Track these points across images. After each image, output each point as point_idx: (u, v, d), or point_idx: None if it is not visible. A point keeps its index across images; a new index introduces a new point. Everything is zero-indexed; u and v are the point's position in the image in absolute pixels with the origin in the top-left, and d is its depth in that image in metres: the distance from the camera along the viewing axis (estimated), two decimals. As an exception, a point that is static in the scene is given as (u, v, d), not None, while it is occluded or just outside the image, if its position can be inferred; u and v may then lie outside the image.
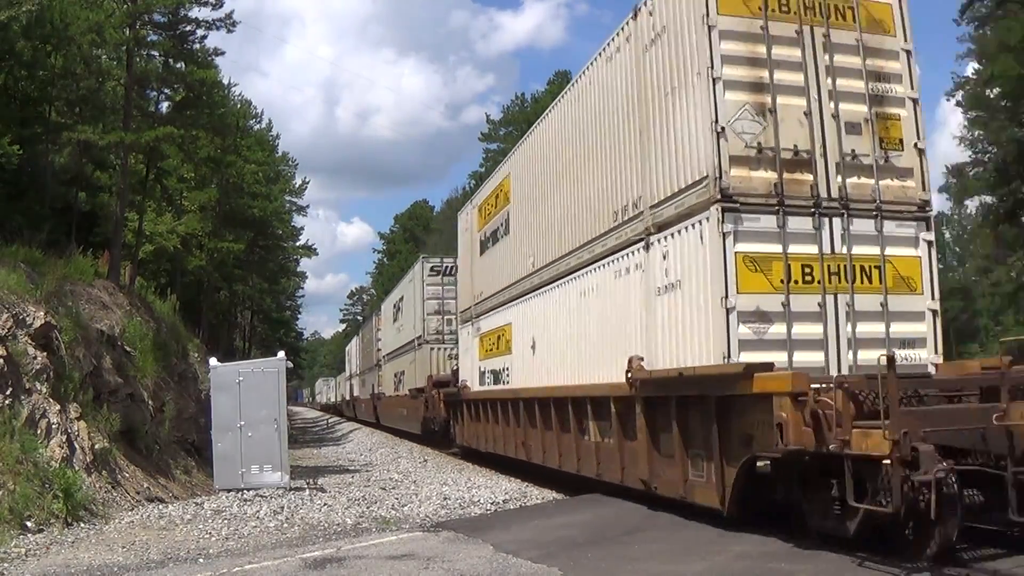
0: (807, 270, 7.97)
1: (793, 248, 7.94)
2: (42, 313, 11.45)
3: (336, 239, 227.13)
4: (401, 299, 28.94)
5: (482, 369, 16.55)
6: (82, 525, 9.31)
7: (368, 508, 10.94)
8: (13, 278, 11.92)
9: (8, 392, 10.11)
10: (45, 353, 11.09)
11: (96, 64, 21.66)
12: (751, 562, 6.61)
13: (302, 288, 61.21)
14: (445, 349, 23.32)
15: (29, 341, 10.97)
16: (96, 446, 11.03)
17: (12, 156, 18.06)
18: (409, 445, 25.80)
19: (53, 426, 10.41)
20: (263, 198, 39.63)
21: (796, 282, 7.88)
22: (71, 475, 9.73)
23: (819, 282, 7.94)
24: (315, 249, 50.98)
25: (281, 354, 14.19)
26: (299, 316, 67.53)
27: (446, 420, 20.38)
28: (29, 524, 8.81)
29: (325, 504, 11.24)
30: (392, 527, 9.47)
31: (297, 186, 48.81)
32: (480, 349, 16.79)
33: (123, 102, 21.92)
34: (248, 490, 12.42)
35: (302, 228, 49.96)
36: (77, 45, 19.88)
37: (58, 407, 10.70)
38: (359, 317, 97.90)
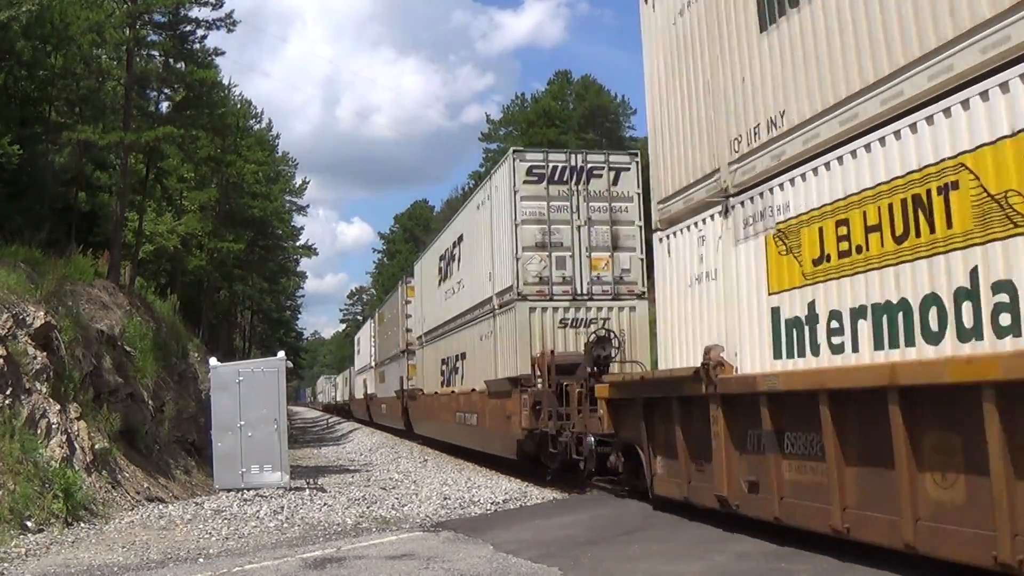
0: None
1: None
2: (42, 313, 11.45)
3: (336, 239, 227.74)
4: (457, 242, 18.83)
5: (806, 311, 6.95)
6: (82, 525, 9.31)
7: (368, 508, 10.94)
8: (13, 278, 11.92)
9: (8, 392, 10.11)
10: (45, 353, 11.09)
11: (96, 64, 21.70)
12: (751, 562, 6.62)
13: (302, 288, 61.33)
14: (558, 310, 14.14)
15: (29, 341, 10.97)
16: (96, 446, 11.03)
17: (12, 156, 18.06)
18: (410, 445, 25.72)
19: (53, 426, 10.41)
20: (263, 198, 39.69)
21: None
22: (71, 475, 9.73)
23: None
24: (315, 249, 51.14)
25: (281, 354, 14.19)
26: (299, 316, 67.66)
27: (578, 439, 11.74)
28: (29, 524, 8.81)
29: (325, 504, 11.24)
30: (392, 527, 9.47)
31: (297, 186, 48.92)
32: (791, 261, 7.20)
33: (123, 102, 21.96)
34: (248, 490, 12.42)
35: (302, 228, 50.07)
36: (77, 45, 19.91)
37: (58, 407, 10.70)
38: (359, 317, 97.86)
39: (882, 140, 6.18)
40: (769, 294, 7.47)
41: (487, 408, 15.62)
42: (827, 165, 6.78)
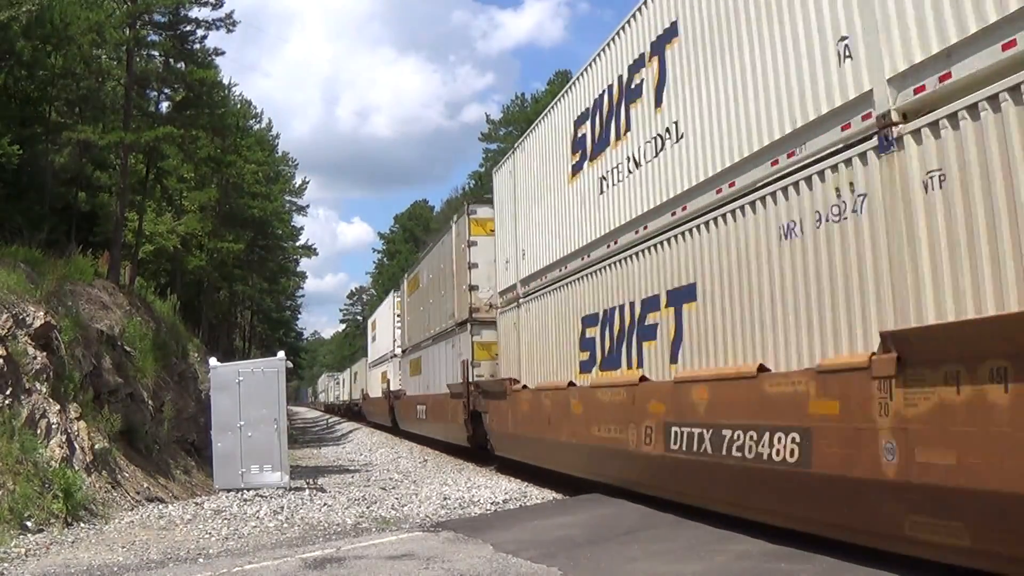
0: None
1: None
2: (42, 313, 11.45)
3: (336, 239, 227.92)
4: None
5: None
6: (82, 525, 9.31)
7: (368, 508, 10.94)
8: (13, 278, 11.92)
9: (8, 392, 10.11)
10: (45, 353, 11.09)
11: (96, 64, 21.71)
12: (751, 562, 6.61)
13: (302, 288, 61.43)
14: None
15: (29, 341, 10.97)
16: (96, 446, 11.03)
17: (12, 156, 18.06)
18: (410, 445, 25.65)
19: (53, 426, 10.42)
20: (263, 198, 39.72)
21: None
22: (71, 475, 9.73)
23: None
24: (315, 249, 51.31)
25: (281, 354, 14.19)
26: (299, 316, 67.88)
27: None
28: (29, 524, 8.81)
29: (325, 504, 11.24)
30: (392, 527, 9.47)
31: (297, 186, 49.04)
32: None
33: (123, 102, 21.97)
34: (248, 490, 12.42)
35: (302, 228, 50.21)
36: (77, 45, 19.91)
37: (58, 407, 10.71)
38: (359, 317, 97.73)
39: None
40: None
41: None
42: None
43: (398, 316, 28.76)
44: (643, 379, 9.28)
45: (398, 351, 28.71)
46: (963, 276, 5.34)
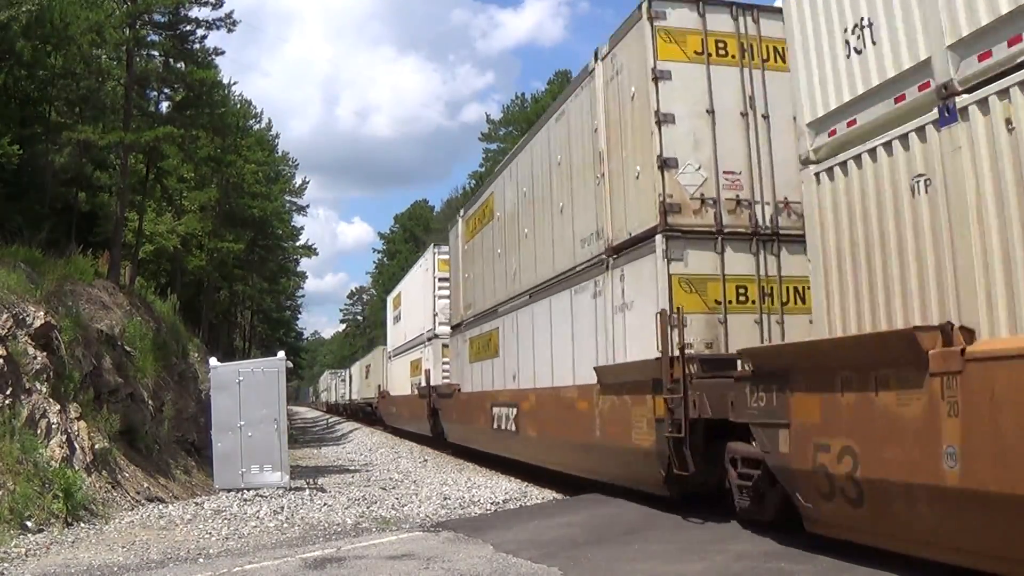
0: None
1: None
2: (42, 313, 11.45)
3: (336, 239, 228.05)
4: None
5: None
6: (82, 525, 9.30)
7: (368, 508, 10.94)
8: (13, 278, 11.92)
9: (8, 392, 10.11)
10: (45, 353, 11.09)
11: (96, 64, 21.69)
12: (751, 562, 6.61)
13: (302, 288, 61.41)
14: None
15: (29, 341, 10.97)
16: (96, 446, 11.03)
17: (12, 156, 18.06)
18: (410, 445, 25.66)
19: (53, 426, 10.41)
20: (263, 198, 39.69)
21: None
22: (71, 475, 9.72)
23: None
24: (315, 249, 51.27)
25: (281, 354, 14.18)
26: (299, 316, 67.86)
27: None
28: (29, 524, 8.81)
29: (325, 504, 11.24)
30: (392, 527, 9.47)
31: (297, 186, 48.99)
32: None
33: (123, 102, 21.96)
34: (248, 490, 12.42)
35: (302, 228, 50.16)
36: (77, 45, 19.90)
37: (58, 407, 10.70)
38: (359, 317, 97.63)
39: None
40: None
41: None
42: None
43: (442, 280, 21.37)
44: None
45: (441, 329, 21.31)
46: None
